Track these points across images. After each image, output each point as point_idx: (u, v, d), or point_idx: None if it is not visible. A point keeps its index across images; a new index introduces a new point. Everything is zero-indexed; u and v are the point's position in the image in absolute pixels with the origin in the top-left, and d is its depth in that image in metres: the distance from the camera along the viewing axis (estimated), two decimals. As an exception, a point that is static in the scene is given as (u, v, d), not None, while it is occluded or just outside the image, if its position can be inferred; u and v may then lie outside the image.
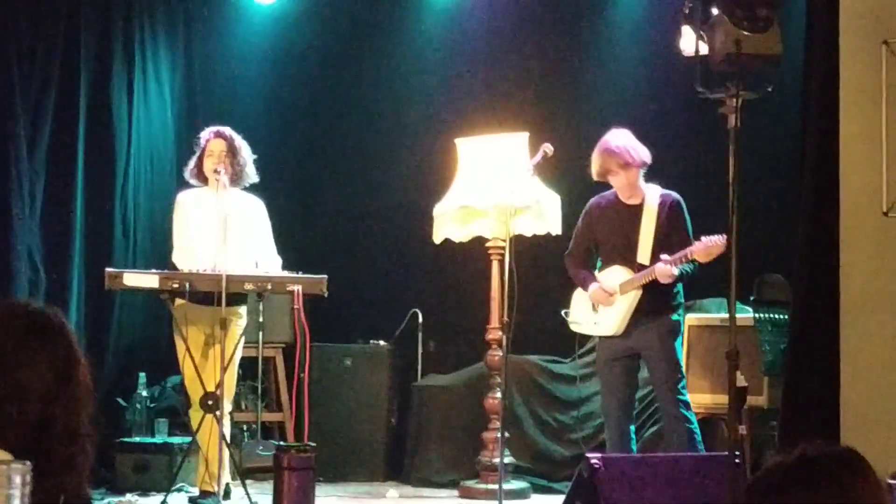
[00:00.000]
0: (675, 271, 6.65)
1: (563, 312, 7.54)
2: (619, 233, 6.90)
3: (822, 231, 6.30)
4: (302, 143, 9.95)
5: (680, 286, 6.85)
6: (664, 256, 6.67)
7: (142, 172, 9.11)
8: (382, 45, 9.84)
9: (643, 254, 6.82)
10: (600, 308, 6.94)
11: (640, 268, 6.80)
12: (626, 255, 6.86)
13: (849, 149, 6.09)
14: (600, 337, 7.02)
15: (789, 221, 7.08)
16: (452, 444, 8.62)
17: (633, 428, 6.98)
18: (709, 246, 6.60)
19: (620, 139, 6.86)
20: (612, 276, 6.91)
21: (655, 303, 6.78)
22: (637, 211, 6.86)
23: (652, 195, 6.87)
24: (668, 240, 6.75)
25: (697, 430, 6.73)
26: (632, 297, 6.81)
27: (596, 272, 7.03)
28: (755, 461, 7.07)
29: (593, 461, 5.82)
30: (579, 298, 7.10)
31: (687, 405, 6.79)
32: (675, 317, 6.84)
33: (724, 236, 6.45)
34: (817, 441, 2.26)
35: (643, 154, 6.85)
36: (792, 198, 7.05)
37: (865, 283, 6.05)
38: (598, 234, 7.01)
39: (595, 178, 6.95)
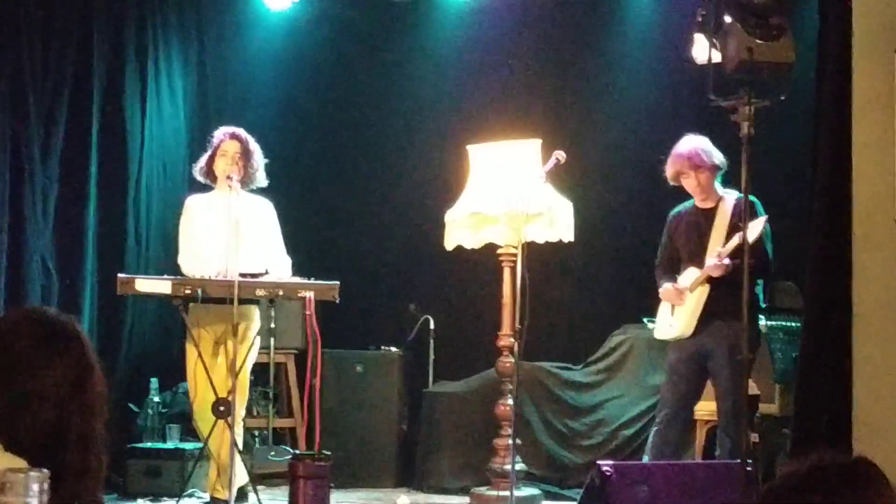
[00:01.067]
0: (726, 261, 6.65)
1: (645, 320, 7.58)
2: (693, 236, 6.96)
3: (835, 238, 6.29)
4: (314, 150, 9.97)
5: (759, 289, 6.85)
6: (717, 249, 6.73)
7: (154, 178, 9.13)
8: (394, 51, 9.86)
9: (712, 253, 6.86)
10: (676, 310, 6.97)
11: None
12: (698, 256, 6.89)
13: (861, 156, 6.09)
14: (674, 340, 7.03)
15: (801, 229, 7.08)
16: (463, 450, 8.62)
17: (675, 438, 6.97)
18: (753, 227, 6.66)
19: (692, 143, 6.94)
20: (686, 276, 6.96)
21: (725, 304, 6.75)
22: (711, 214, 6.92)
23: (729, 199, 6.92)
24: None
25: None
26: (698, 295, 6.83)
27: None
28: (767, 469, 7.07)
29: (605, 468, 5.81)
30: (662, 306, 7.13)
31: (738, 418, 6.74)
32: (749, 328, 6.78)
33: (765, 217, 6.58)
34: (830, 450, 2.26)
35: (715, 157, 6.90)
36: (804, 205, 7.04)
37: (878, 290, 6.03)
38: (677, 241, 7.07)
39: (670, 181, 7.01)
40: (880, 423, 5.90)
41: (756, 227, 6.64)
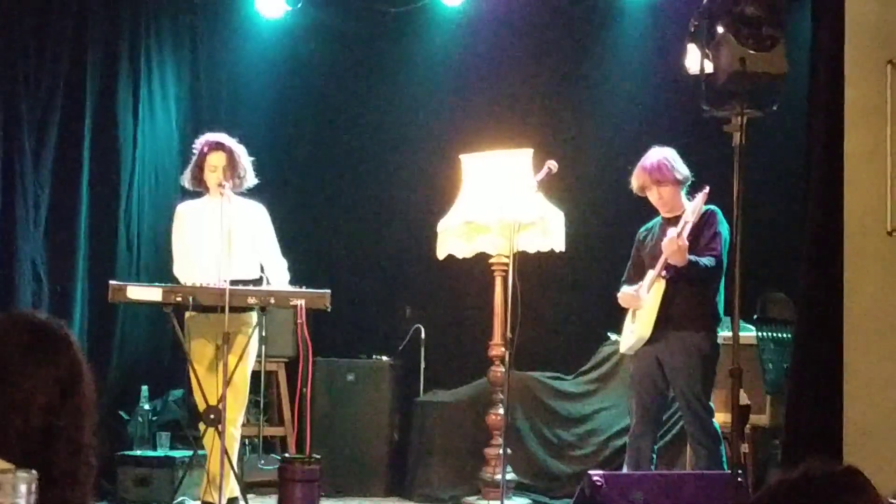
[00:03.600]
0: (684, 242, 6.64)
1: (610, 334, 7.58)
2: (656, 244, 6.94)
3: (826, 250, 6.29)
4: (306, 158, 9.97)
5: (719, 299, 6.85)
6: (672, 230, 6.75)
7: (146, 185, 9.13)
8: (388, 60, 9.87)
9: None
10: (636, 315, 6.95)
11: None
12: (657, 260, 6.87)
13: (853, 168, 6.09)
14: (636, 351, 7.00)
15: (793, 240, 7.08)
16: (454, 459, 8.61)
17: (655, 448, 6.96)
18: (694, 204, 6.71)
19: (656, 156, 6.92)
20: (644, 280, 6.93)
21: (680, 309, 6.76)
22: (675, 222, 6.91)
23: (692, 208, 6.92)
24: (696, 242, 6.75)
25: (721, 455, 6.69)
26: (654, 294, 6.81)
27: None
28: (758, 480, 7.07)
29: (595, 478, 5.81)
30: (626, 318, 7.10)
31: (705, 429, 6.75)
32: (707, 336, 6.81)
33: (706, 188, 6.60)
34: (819, 460, 2.26)
35: (678, 171, 6.89)
36: (796, 216, 7.05)
37: (869, 302, 6.03)
38: (643, 254, 7.05)
39: (634, 192, 7.00)
40: (871, 434, 5.90)
41: (697, 203, 6.67)
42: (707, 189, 6.61)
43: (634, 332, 6.94)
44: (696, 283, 6.78)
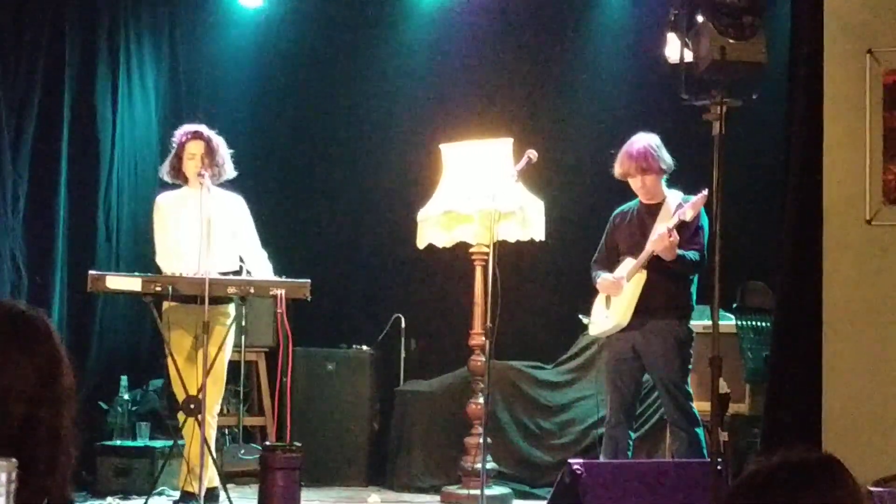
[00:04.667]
0: (674, 237, 6.66)
1: (580, 316, 7.58)
2: (635, 230, 6.95)
3: (806, 239, 6.31)
4: (286, 148, 9.96)
5: (693, 290, 6.88)
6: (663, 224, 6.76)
7: (125, 175, 9.10)
8: (368, 50, 9.85)
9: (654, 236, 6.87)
10: (612, 302, 6.96)
11: None
12: (638, 248, 6.88)
13: (832, 157, 6.11)
14: (608, 337, 7.02)
15: (772, 229, 7.10)
16: (435, 449, 8.62)
17: (632, 434, 6.98)
18: (693, 204, 6.72)
19: (642, 143, 6.92)
20: (622, 267, 6.94)
21: (659, 299, 6.80)
22: (655, 210, 6.93)
23: (673, 197, 6.93)
24: (679, 234, 6.76)
25: (700, 438, 6.72)
26: (635, 283, 6.83)
27: None
28: (738, 468, 7.08)
29: (575, 467, 5.82)
30: (597, 300, 7.12)
31: (685, 412, 6.78)
32: (682, 323, 6.86)
33: (705, 191, 6.56)
34: (798, 447, 2.26)
35: (663, 160, 6.91)
36: (775, 205, 7.06)
37: (848, 290, 6.06)
38: (618, 238, 7.06)
39: (617, 177, 7.00)
40: (850, 423, 5.93)
41: (696, 205, 6.71)
42: (706, 192, 6.60)
43: (610, 318, 6.95)
44: (676, 275, 6.81)
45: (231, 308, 7.18)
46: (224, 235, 7.17)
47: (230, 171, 7.33)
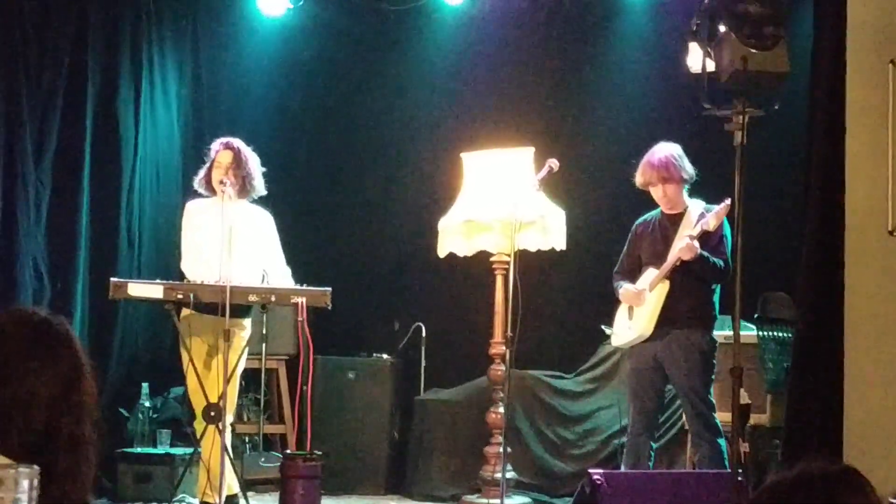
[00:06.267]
0: (696, 244, 6.67)
1: (603, 327, 7.58)
2: (657, 240, 6.97)
3: (827, 249, 6.29)
4: (308, 156, 9.97)
5: (716, 299, 6.87)
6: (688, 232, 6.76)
7: (147, 183, 9.13)
8: (389, 59, 9.86)
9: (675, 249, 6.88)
10: (635, 312, 6.97)
11: None
12: (660, 258, 6.89)
13: (854, 167, 6.08)
14: (630, 347, 7.03)
15: (794, 239, 7.08)
16: (454, 458, 8.61)
17: (653, 445, 6.98)
18: (717, 213, 6.72)
19: (664, 153, 6.94)
20: (645, 277, 6.96)
21: (682, 308, 6.80)
22: (677, 219, 6.95)
23: (695, 207, 6.94)
24: (703, 245, 6.76)
25: (721, 449, 6.71)
26: (658, 294, 6.84)
27: None
28: (758, 479, 7.06)
29: (595, 477, 5.81)
30: (619, 311, 7.14)
31: (707, 423, 6.77)
32: (706, 333, 6.85)
33: (728, 200, 6.55)
34: (819, 458, 2.26)
35: (684, 170, 6.92)
36: (797, 216, 7.05)
37: (870, 301, 6.03)
38: (639, 248, 7.09)
39: (638, 187, 7.02)
40: (871, 434, 5.89)
41: (719, 215, 6.72)
42: (728, 201, 6.59)
43: (633, 328, 6.96)
44: (700, 283, 6.81)
45: (247, 321, 7.19)
46: (245, 247, 7.18)
47: (259, 188, 7.35)
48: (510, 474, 7.62)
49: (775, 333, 7.52)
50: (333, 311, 7.02)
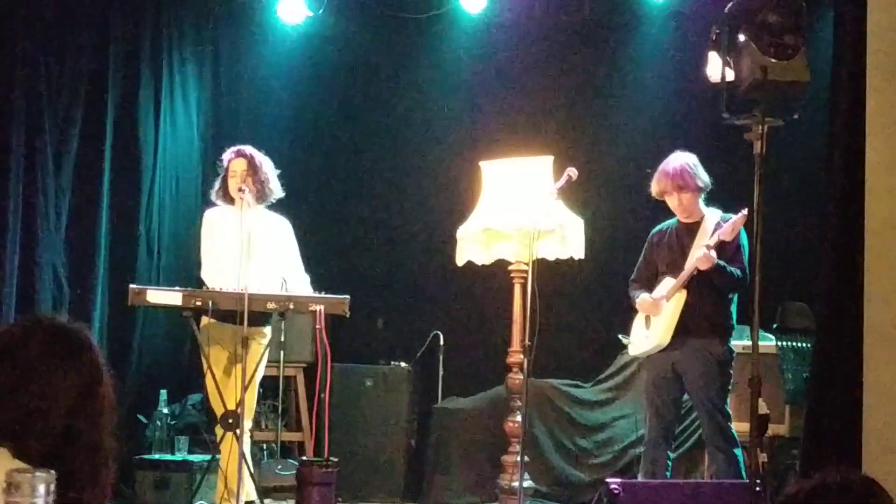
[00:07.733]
0: (713, 254, 6.67)
1: (620, 336, 7.58)
2: (674, 249, 6.98)
3: (847, 258, 6.28)
4: (327, 164, 9.98)
5: (733, 309, 6.87)
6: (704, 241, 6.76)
7: (167, 190, 9.16)
8: (408, 68, 9.88)
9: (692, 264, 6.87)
10: (652, 321, 6.97)
11: None
12: (678, 267, 6.90)
13: (875, 176, 6.07)
14: (648, 356, 7.04)
15: (813, 249, 7.07)
16: (472, 466, 8.61)
17: (670, 454, 6.98)
18: (733, 223, 6.72)
19: (679, 162, 6.95)
20: (662, 286, 6.96)
21: (699, 317, 6.80)
22: (693, 228, 6.96)
23: (711, 216, 6.94)
24: (719, 254, 6.76)
25: (739, 459, 6.70)
26: (675, 303, 6.84)
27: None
28: (776, 489, 7.04)
29: (613, 486, 5.80)
30: (636, 320, 7.14)
31: (724, 433, 6.77)
32: (723, 343, 6.85)
33: (745, 210, 6.55)
34: (837, 469, 2.25)
35: (699, 178, 6.92)
36: (816, 225, 7.03)
37: (890, 311, 6.01)
38: (656, 257, 7.09)
39: (654, 196, 7.02)
40: (890, 445, 5.87)
41: (736, 225, 6.72)
42: (745, 211, 6.59)
43: (651, 338, 6.96)
44: (718, 293, 6.80)
45: (267, 329, 7.20)
46: (265, 253, 7.19)
47: (277, 191, 7.36)
48: (527, 483, 7.60)
49: (794, 343, 7.51)
50: (351, 319, 7.02)
